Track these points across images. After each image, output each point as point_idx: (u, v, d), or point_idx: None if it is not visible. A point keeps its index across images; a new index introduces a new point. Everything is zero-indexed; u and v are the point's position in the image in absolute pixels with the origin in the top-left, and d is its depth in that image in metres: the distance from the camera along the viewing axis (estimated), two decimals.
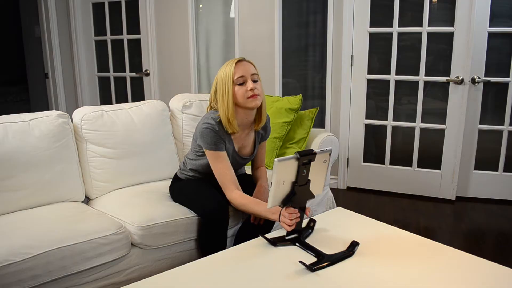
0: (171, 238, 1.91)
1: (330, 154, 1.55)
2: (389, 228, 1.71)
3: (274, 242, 1.56)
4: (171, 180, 2.22)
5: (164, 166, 2.40)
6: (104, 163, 2.21)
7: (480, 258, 1.46)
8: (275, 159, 1.41)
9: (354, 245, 1.51)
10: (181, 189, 2.08)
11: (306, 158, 1.45)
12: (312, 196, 1.56)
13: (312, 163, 1.49)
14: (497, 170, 3.25)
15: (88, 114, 2.21)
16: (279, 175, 1.44)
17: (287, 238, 1.57)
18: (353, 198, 3.38)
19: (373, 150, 3.53)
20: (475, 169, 3.29)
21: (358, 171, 3.55)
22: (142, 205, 1.99)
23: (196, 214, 1.95)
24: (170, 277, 1.38)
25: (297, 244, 1.55)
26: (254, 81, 1.81)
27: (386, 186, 3.49)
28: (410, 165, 3.40)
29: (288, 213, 1.52)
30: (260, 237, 1.60)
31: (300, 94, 2.61)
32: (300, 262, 1.40)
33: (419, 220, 2.94)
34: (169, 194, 2.14)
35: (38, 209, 1.98)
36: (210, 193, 1.93)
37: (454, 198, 3.28)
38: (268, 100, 2.64)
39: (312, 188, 1.54)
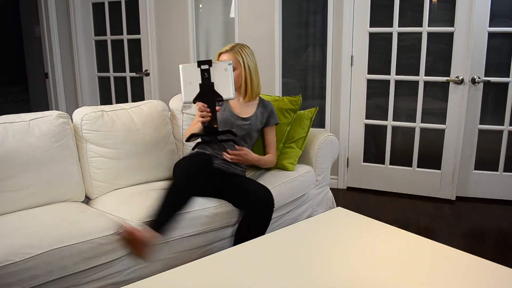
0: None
1: (230, 65, 1.95)
2: (389, 228, 1.71)
3: (193, 136, 2.04)
4: None
5: (164, 166, 2.40)
6: (104, 163, 2.21)
7: (480, 258, 1.46)
8: (180, 65, 1.95)
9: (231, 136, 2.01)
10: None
11: (204, 64, 1.92)
12: (218, 95, 1.95)
13: (211, 69, 1.93)
14: (497, 170, 3.25)
15: (88, 114, 2.21)
16: (184, 76, 1.94)
17: (200, 135, 2.04)
18: (353, 198, 3.38)
19: (373, 150, 3.53)
20: (475, 169, 3.29)
21: (358, 171, 3.55)
22: (142, 203, 1.99)
23: (194, 209, 1.99)
24: (170, 277, 1.38)
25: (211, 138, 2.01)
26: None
27: (386, 186, 3.49)
28: (410, 165, 3.40)
29: (198, 106, 1.97)
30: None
31: (300, 95, 2.60)
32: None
33: (419, 220, 2.94)
34: None
35: (38, 209, 1.98)
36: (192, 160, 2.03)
37: (454, 198, 3.28)
38: (268, 99, 2.64)
39: (220, 90, 1.94)
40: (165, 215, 1.80)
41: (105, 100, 4.29)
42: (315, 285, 1.32)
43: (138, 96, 4.12)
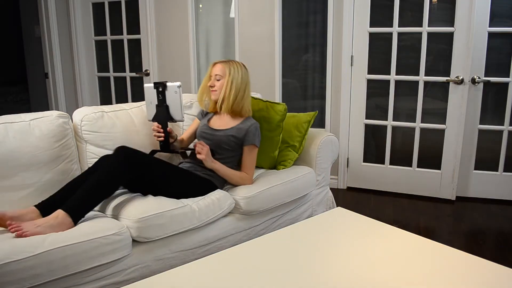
0: (166, 229, 1.92)
1: (179, 87, 2.07)
2: (389, 228, 1.71)
3: (153, 152, 2.22)
4: None
5: None
6: None
7: (480, 258, 1.46)
8: (144, 85, 2.17)
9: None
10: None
11: (159, 85, 2.07)
12: (171, 118, 2.12)
13: (166, 92, 2.07)
14: (497, 170, 3.25)
15: (88, 115, 2.21)
16: (146, 96, 2.13)
17: (158, 151, 2.22)
18: (353, 198, 3.38)
19: (373, 150, 3.53)
20: (475, 169, 3.29)
21: (358, 171, 3.55)
22: (141, 203, 1.99)
23: (185, 204, 2.01)
24: (170, 277, 1.38)
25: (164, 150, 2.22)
26: (218, 80, 2.26)
27: (386, 186, 3.49)
28: (410, 165, 3.40)
29: (153, 127, 2.18)
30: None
31: (284, 104, 2.46)
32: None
33: (419, 220, 2.94)
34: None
35: None
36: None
37: (454, 198, 3.28)
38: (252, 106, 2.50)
39: (172, 112, 2.10)
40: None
41: (105, 100, 4.29)
42: (315, 285, 1.32)
43: (138, 96, 4.12)
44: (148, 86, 2.10)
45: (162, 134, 2.14)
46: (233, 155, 2.30)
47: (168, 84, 2.06)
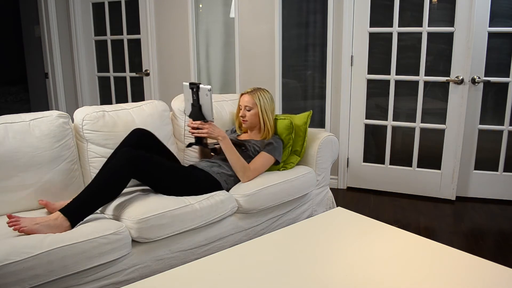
0: (168, 229, 1.92)
1: (209, 90, 2.16)
2: (389, 228, 1.71)
3: (190, 145, 2.37)
4: None
5: None
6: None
7: (480, 258, 1.46)
8: (183, 82, 2.27)
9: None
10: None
11: (194, 86, 2.19)
12: (203, 117, 2.23)
13: (199, 93, 2.18)
14: (497, 170, 3.25)
15: (89, 114, 2.21)
16: (185, 93, 2.26)
17: (193, 144, 2.35)
18: (353, 198, 3.38)
19: (373, 150, 3.53)
20: (475, 169, 3.29)
21: (358, 171, 3.55)
22: (138, 202, 2.00)
23: (187, 203, 2.01)
24: (170, 277, 1.38)
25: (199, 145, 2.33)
26: (248, 110, 2.45)
27: (386, 186, 3.49)
28: (410, 165, 3.40)
29: (188, 123, 2.29)
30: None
31: (290, 120, 2.55)
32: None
33: (419, 220, 2.94)
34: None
35: (39, 210, 1.98)
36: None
37: (454, 198, 3.28)
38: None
39: (204, 112, 2.22)
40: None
41: (105, 100, 4.29)
42: (315, 285, 1.32)
43: (138, 96, 4.12)
44: (186, 84, 2.24)
45: (197, 130, 2.26)
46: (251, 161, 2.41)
47: (200, 86, 2.18)
